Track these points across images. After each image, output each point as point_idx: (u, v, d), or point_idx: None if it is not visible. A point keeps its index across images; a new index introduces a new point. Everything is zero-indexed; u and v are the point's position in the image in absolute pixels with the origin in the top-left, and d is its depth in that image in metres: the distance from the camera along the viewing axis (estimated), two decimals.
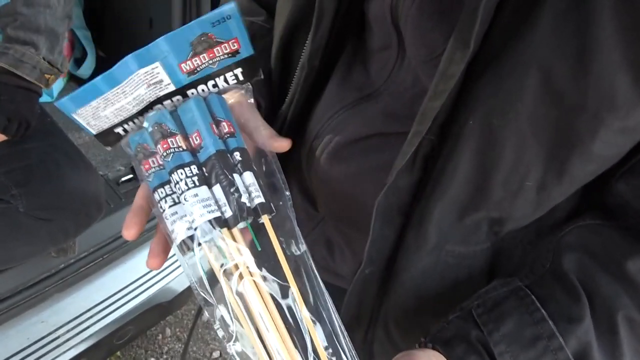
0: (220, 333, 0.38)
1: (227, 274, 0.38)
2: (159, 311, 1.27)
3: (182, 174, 0.38)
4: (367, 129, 0.47)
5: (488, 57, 0.34)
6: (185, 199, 0.38)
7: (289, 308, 0.38)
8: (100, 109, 0.40)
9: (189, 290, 1.32)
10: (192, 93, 0.42)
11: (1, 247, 0.95)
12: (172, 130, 0.39)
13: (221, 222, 0.38)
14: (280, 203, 0.42)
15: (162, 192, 0.39)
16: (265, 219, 0.39)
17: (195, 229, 0.37)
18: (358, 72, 0.49)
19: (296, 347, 0.38)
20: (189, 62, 0.40)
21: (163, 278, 1.26)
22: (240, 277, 0.38)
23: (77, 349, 1.09)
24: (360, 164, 0.48)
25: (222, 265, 0.38)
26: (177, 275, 1.28)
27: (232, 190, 0.38)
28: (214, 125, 0.40)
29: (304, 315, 0.38)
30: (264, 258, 0.39)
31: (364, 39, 0.48)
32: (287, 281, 0.38)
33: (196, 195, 0.38)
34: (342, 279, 0.57)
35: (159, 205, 0.39)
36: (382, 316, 0.51)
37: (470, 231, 0.43)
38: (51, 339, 1.08)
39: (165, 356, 1.58)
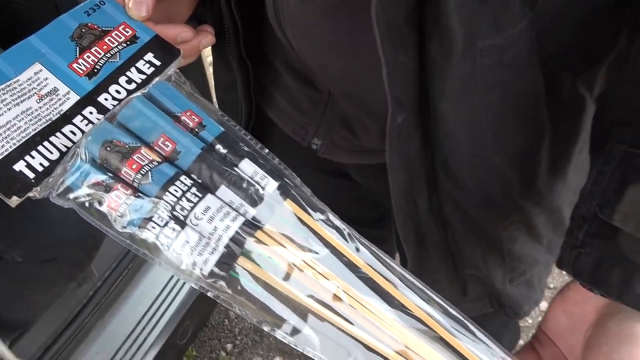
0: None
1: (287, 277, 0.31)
2: (210, 297, 1.23)
3: (176, 191, 0.29)
4: None
5: None
6: (196, 218, 0.29)
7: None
8: None
9: None
10: (106, 99, 0.33)
11: (21, 303, 0.89)
12: (131, 143, 0.30)
13: (250, 225, 0.30)
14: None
15: (154, 227, 0.29)
16: (289, 203, 0.32)
17: (227, 247, 0.29)
18: None
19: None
20: (80, 61, 0.34)
21: None
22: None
23: None
24: None
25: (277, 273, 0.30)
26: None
27: (243, 185, 0.31)
28: (176, 123, 0.32)
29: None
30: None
31: None
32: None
33: (208, 208, 0.29)
34: (376, 152, 0.50)
35: (157, 243, 0.29)
36: (440, 169, 0.44)
37: (500, 8, 0.35)
38: None
39: (239, 337, 1.57)
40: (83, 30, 0.35)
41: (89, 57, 0.34)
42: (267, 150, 0.36)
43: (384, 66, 0.36)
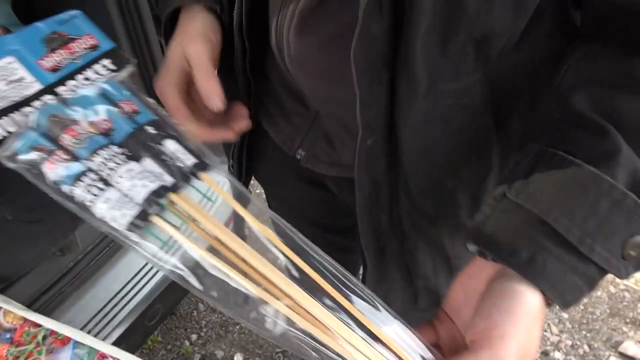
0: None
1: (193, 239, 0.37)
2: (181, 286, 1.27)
3: (105, 155, 0.36)
4: None
5: None
6: (119, 177, 0.36)
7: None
8: None
9: None
10: (64, 90, 0.41)
11: (3, 260, 0.94)
12: (74, 118, 0.37)
13: (166, 190, 0.36)
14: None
15: (82, 185, 0.35)
16: (205, 177, 0.39)
17: (142, 204, 0.35)
18: None
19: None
20: (47, 59, 0.40)
21: (175, 252, 1.25)
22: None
23: (110, 339, 1.10)
24: (329, 30, 0.46)
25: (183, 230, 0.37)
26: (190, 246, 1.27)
27: (163, 158, 0.37)
28: (116, 109, 0.39)
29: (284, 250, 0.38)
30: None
31: None
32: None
33: (130, 170, 0.36)
34: (351, 167, 0.56)
35: (84, 198, 0.35)
36: (402, 187, 0.50)
37: (458, 61, 0.41)
38: None
39: (205, 329, 1.61)
40: (53, 36, 0.40)
41: (55, 56, 0.40)
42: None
43: (358, 97, 0.42)
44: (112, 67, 0.43)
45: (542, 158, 0.37)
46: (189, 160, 0.39)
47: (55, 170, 0.35)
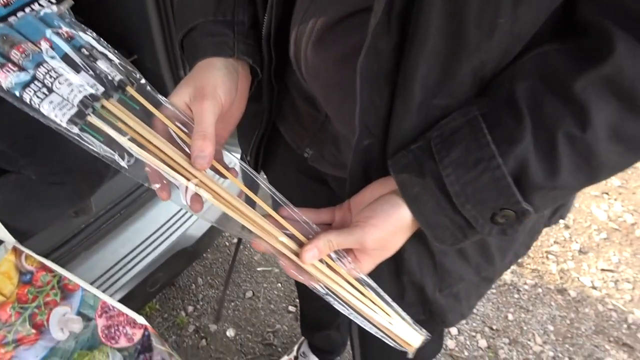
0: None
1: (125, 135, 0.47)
2: (185, 256, 1.33)
3: (48, 66, 0.44)
4: (346, 6, 0.48)
5: None
6: (59, 84, 0.44)
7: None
8: None
9: (209, 232, 1.37)
10: (14, 20, 0.48)
11: (24, 215, 1.00)
12: (20, 39, 0.46)
13: (99, 95, 0.46)
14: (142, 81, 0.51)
15: (30, 91, 0.44)
16: (131, 90, 0.48)
17: (79, 105, 0.44)
18: None
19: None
20: None
21: (181, 226, 1.31)
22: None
23: (112, 300, 1.16)
24: (345, 47, 0.49)
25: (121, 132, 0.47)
26: (194, 221, 1.33)
27: (97, 72, 0.47)
28: (55, 33, 0.47)
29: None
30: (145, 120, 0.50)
31: None
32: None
33: (68, 80, 0.45)
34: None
35: (31, 103, 0.44)
36: None
37: (455, 83, 0.44)
38: None
39: (201, 302, 1.67)
40: None
41: None
42: (124, 59, 0.50)
43: (359, 104, 0.46)
44: (53, 0, 0.51)
45: (471, 122, 0.45)
46: (117, 76, 0.48)
47: (7, 78, 0.44)
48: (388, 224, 0.49)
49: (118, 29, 1.25)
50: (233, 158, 0.55)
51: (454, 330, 1.66)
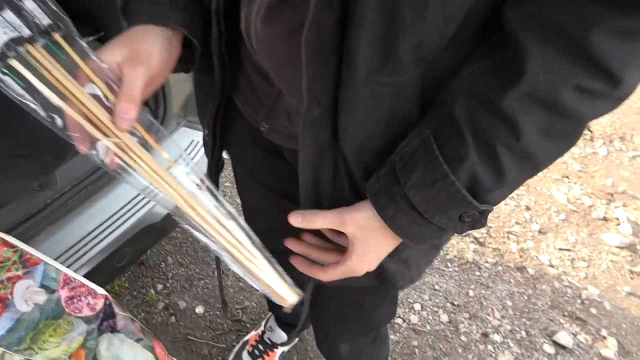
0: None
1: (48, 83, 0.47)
2: (152, 232, 1.34)
3: None
4: None
5: None
6: None
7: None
8: None
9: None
10: None
11: None
12: None
13: (23, 40, 0.45)
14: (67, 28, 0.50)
15: None
16: (57, 36, 0.47)
17: (1, 47, 0.44)
18: None
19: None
20: None
21: (148, 202, 1.32)
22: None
23: (79, 273, 1.17)
24: (292, 22, 0.52)
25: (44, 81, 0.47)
26: (161, 199, 1.34)
27: (23, 13, 0.45)
28: None
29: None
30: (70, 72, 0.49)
31: None
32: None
33: None
34: None
35: None
36: (342, 158, 0.57)
37: (395, 60, 0.47)
38: None
39: (170, 281, 1.69)
40: None
41: None
42: (54, 1, 0.49)
43: (304, 76, 0.49)
44: None
45: (424, 143, 0.50)
46: (45, 20, 0.47)
47: None
48: (367, 207, 0.56)
49: (84, 5, 1.25)
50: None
51: (417, 306, 1.72)
